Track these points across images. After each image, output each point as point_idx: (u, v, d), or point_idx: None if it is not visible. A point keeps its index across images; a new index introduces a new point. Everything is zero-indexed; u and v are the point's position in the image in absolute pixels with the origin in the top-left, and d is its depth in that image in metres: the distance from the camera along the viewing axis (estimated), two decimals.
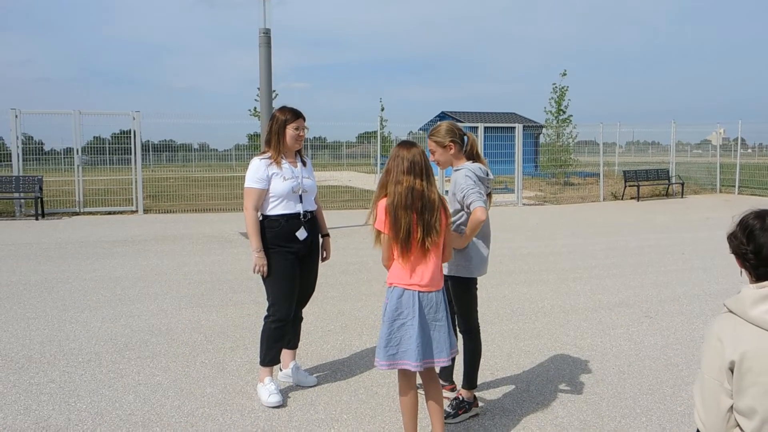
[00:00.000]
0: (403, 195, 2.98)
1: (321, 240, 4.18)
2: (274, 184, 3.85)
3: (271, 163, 3.87)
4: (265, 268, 3.83)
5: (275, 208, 3.87)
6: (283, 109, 3.94)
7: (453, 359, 3.86)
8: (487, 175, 3.63)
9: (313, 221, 4.02)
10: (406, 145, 3.12)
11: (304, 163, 4.05)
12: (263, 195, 3.86)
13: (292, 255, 3.88)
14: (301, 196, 3.92)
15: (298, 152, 4.05)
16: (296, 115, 3.91)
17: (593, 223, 13.38)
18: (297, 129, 3.89)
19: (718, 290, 6.92)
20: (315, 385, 4.18)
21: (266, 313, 3.94)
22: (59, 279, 7.44)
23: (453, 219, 3.54)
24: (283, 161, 3.91)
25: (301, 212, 3.91)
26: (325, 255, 4.22)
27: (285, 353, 4.19)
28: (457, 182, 3.57)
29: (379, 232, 3.08)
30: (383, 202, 3.04)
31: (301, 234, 3.90)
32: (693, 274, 7.84)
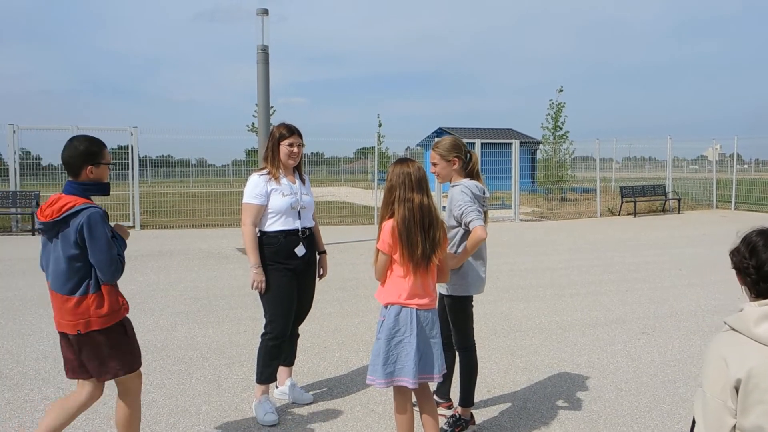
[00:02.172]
0: (416, 213, 3.00)
1: (318, 257, 4.18)
2: (273, 200, 3.85)
3: (270, 179, 3.88)
4: (263, 285, 3.83)
5: (274, 224, 3.87)
6: (280, 126, 3.97)
7: (450, 377, 3.86)
8: (484, 193, 3.64)
9: (311, 238, 4.02)
10: (406, 161, 3.13)
11: (303, 180, 4.06)
12: (262, 211, 3.86)
13: (290, 272, 3.87)
14: (299, 213, 3.93)
15: (297, 169, 4.06)
16: (290, 131, 3.93)
17: (590, 239, 13.39)
18: (291, 146, 3.90)
19: (715, 306, 6.92)
20: (311, 403, 4.16)
21: (263, 330, 3.92)
22: None
23: (449, 235, 3.55)
24: (282, 177, 3.92)
25: (300, 228, 3.91)
26: (321, 272, 4.21)
27: (281, 370, 4.17)
28: (453, 198, 3.59)
29: (378, 251, 3.08)
30: (390, 223, 3.04)
31: (300, 250, 3.89)
32: (690, 290, 7.85)
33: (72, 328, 2.86)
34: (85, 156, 2.89)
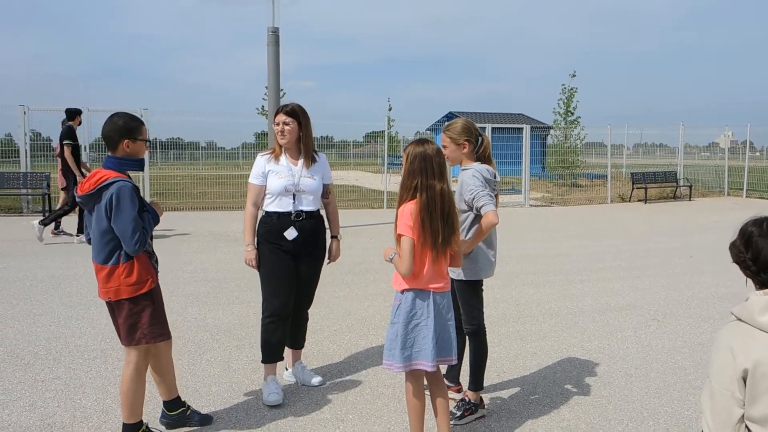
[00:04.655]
0: (437, 201, 2.98)
1: (330, 241, 4.14)
2: (270, 181, 3.87)
3: (270, 159, 3.89)
4: (254, 262, 3.86)
5: (270, 205, 3.89)
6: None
7: (460, 361, 3.85)
8: (495, 177, 3.61)
9: (309, 222, 3.91)
10: (425, 143, 3.08)
11: (314, 160, 3.99)
12: (261, 191, 3.89)
13: (283, 252, 3.85)
14: (294, 195, 3.88)
15: (304, 149, 3.96)
16: (278, 111, 3.91)
17: (600, 225, 13.33)
18: (277, 124, 3.88)
19: (726, 293, 6.88)
20: (320, 385, 4.17)
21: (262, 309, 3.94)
22: (66, 275, 7.46)
23: (459, 220, 3.52)
24: (283, 158, 3.89)
25: (293, 212, 3.88)
26: (330, 257, 4.16)
27: (290, 353, 4.18)
28: (464, 182, 3.56)
29: (400, 237, 2.98)
30: (408, 207, 3.00)
31: (290, 234, 3.84)
32: (701, 277, 7.80)
33: (104, 294, 3.08)
34: (123, 130, 3.08)
